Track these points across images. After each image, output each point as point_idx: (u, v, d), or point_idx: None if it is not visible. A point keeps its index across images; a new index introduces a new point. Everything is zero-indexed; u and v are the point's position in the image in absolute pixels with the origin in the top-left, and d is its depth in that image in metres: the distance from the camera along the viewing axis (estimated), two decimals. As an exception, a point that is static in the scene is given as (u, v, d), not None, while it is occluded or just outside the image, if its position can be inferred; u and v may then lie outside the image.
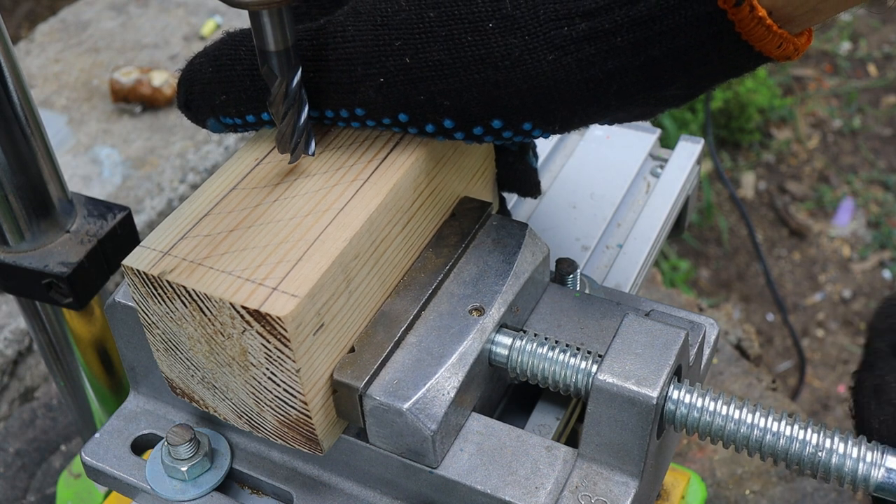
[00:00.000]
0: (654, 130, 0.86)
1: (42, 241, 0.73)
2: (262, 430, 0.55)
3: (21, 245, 0.73)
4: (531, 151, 0.66)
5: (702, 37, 0.48)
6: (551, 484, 0.54)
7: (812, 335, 2.25)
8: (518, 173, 0.67)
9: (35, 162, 0.71)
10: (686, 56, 0.49)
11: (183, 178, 1.52)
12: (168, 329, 0.54)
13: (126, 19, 1.87)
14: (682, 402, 0.54)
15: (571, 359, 0.56)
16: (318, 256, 0.51)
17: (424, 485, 0.56)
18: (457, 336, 0.55)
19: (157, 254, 0.52)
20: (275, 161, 0.58)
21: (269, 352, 0.50)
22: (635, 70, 0.50)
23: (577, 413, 0.65)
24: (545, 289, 0.62)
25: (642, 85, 0.51)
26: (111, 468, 0.62)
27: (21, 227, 0.72)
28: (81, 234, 0.74)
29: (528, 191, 0.68)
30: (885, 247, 2.39)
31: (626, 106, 0.52)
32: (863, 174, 2.56)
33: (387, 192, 0.54)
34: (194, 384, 0.56)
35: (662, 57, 0.49)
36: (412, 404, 0.52)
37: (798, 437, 0.52)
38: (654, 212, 0.79)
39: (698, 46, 0.48)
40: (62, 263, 0.72)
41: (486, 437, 0.56)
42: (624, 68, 0.49)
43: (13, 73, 0.68)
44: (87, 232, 0.74)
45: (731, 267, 2.39)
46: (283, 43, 0.52)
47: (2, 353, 1.30)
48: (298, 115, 0.54)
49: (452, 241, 0.60)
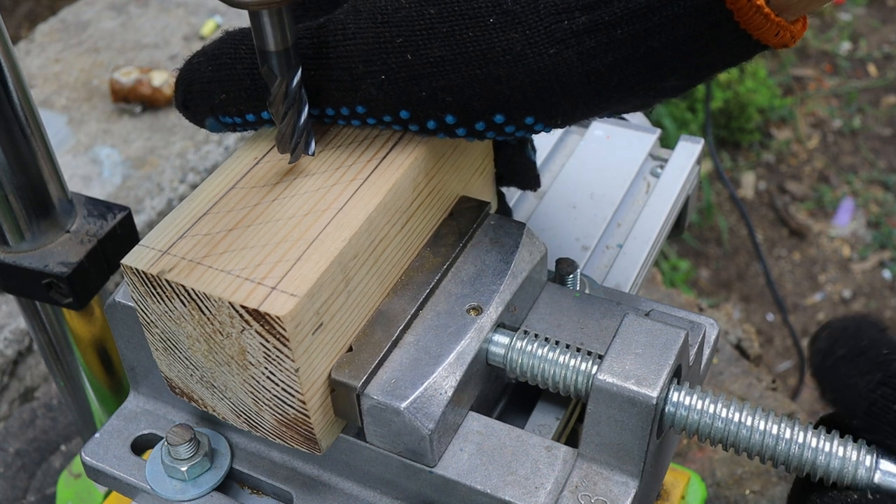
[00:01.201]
0: (654, 130, 0.86)
1: (42, 241, 0.73)
2: (261, 430, 0.55)
3: (21, 245, 0.73)
4: (529, 145, 0.67)
5: (701, 27, 0.48)
6: (551, 484, 0.54)
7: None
8: (517, 167, 0.67)
9: (35, 162, 0.71)
10: (685, 46, 0.49)
11: (183, 178, 1.52)
12: (167, 328, 0.54)
13: (126, 19, 1.87)
14: (681, 403, 0.54)
15: (569, 359, 0.55)
16: (317, 256, 0.51)
17: (424, 484, 0.56)
18: (454, 335, 0.55)
19: (156, 253, 0.52)
20: (274, 160, 0.58)
21: (268, 351, 0.50)
22: (636, 61, 0.50)
23: (578, 413, 0.65)
24: (543, 288, 0.62)
25: (643, 76, 0.51)
26: (111, 468, 0.62)
27: (21, 226, 0.72)
28: (81, 234, 0.74)
29: (528, 184, 0.68)
30: (885, 247, 2.39)
31: (626, 98, 0.53)
32: (863, 174, 2.56)
33: (386, 191, 0.54)
34: (193, 383, 0.56)
35: (662, 48, 0.49)
36: (410, 403, 0.52)
37: (797, 440, 0.52)
38: (654, 212, 0.79)
39: (697, 37, 0.49)
40: (62, 263, 0.72)
41: (486, 436, 0.56)
42: (624, 60, 0.50)
43: (13, 73, 0.68)
44: (87, 232, 0.74)
45: (731, 267, 2.39)
46: (283, 43, 0.52)
47: (2, 353, 1.30)
48: (298, 115, 0.54)
49: (450, 240, 0.60)
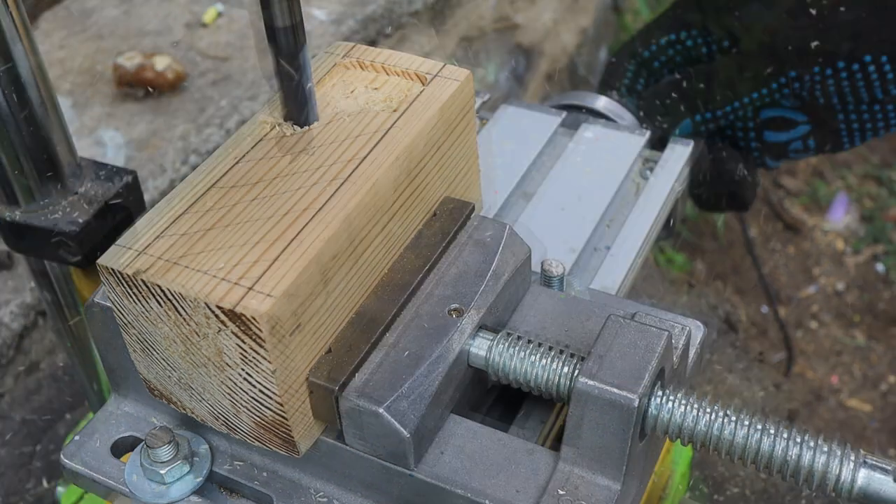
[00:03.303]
0: (644, 132, 0.85)
1: (51, 202, 0.76)
2: (240, 432, 0.54)
3: (31, 205, 0.75)
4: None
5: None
6: (533, 487, 0.53)
7: (806, 327, 2.26)
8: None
9: (46, 124, 0.74)
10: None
11: (185, 160, 1.54)
12: (144, 329, 0.53)
13: (129, 7, 1.88)
14: (664, 406, 0.53)
15: (551, 361, 0.55)
16: (294, 256, 0.50)
17: (404, 488, 0.55)
18: (435, 337, 0.55)
19: (133, 253, 0.52)
20: (254, 160, 0.57)
21: (245, 352, 0.49)
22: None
23: (563, 416, 0.64)
24: (527, 290, 0.62)
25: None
26: (90, 470, 0.61)
27: (31, 187, 0.75)
28: (90, 195, 0.77)
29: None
30: (879, 241, 2.39)
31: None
32: (857, 169, 2.56)
33: (365, 191, 0.54)
34: (171, 385, 0.55)
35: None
36: (389, 406, 0.52)
37: (781, 443, 0.52)
38: (642, 214, 0.78)
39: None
40: (71, 222, 0.74)
41: (468, 440, 0.55)
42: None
43: (26, 38, 0.70)
44: (95, 193, 0.77)
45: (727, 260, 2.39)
46: (291, 19, 0.53)
47: (7, 326, 1.31)
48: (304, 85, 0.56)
49: (432, 241, 0.59)
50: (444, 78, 0.61)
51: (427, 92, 0.60)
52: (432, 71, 0.62)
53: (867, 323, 2.28)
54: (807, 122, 0.88)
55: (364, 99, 0.61)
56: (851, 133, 0.87)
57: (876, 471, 0.51)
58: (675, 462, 0.83)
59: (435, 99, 0.60)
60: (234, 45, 1.75)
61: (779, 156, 0.92)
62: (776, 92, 0.83)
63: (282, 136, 0.58)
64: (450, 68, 0.62)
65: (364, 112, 0.59)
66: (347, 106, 0.60)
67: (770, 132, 0.90)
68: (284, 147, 0.57)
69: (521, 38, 2.36)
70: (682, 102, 0.86)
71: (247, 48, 1.74)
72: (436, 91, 0.60)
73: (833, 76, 0.81)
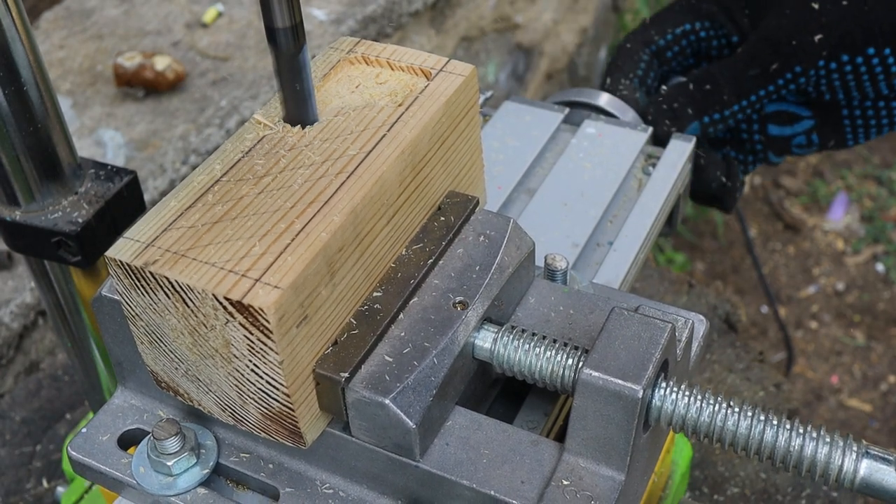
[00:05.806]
0: (646, 128, 0.86)
1: (51, 202, 0.76)
2: (246, 424, 0.55)
3: (31, 205, 0.76)
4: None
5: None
6: (537, 478, 0.54)
7: (806, 327, 2.26)
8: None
9: (46, 124, 0.74)
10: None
11: (185, 160, 1.54)
12: (151, 321, 0.53)
13: (129, 7, 1.88)
14: (668, 398, 0.53)
15: (555, 353, 0.55)
16: (301, 248, 0.51)
17: (410, 479, 0.56)
18: (440, 329, 0.55)
19: (140, 245, 0.52)
20: (260, 154, 0.57)
21: (252, 344, 0.50)
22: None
23: (567, 409, 0.65)
24: (531, 283, 0.62)
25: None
26: (97, 463, 0.62)
27: (32, 187, 0.75)
28: (90, 195, 0.77)
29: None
30: (878, 240, 2.39)
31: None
32: (857, 169, 2.56)
33: (371, 185, 0.54)
34: (178, 377, 0.56)
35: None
36: (395, 397, 0.52)
37: (784, 435, 0.52)
38: (645, 210, 0.79)
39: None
40: (71, 222, 0.74)
41: (472, 431, 0.56)
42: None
43: (26, 37, 0.70)
44: (95, 193, 0.77)
45: (727, 260, 2.39)
46: (291, 20, 0.53)
47: (7, 326, 1.32)
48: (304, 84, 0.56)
49: (437, 234, 0.59)
50: (449, 73, 0.62)
51: (432, 87, 0.61)
52: (437, 66, 0.62)
53: (867, 323, 2.28)
54: (811, 117, 0.89)
55: (369, 94, 0.61)
56: (855, 129, 0.88)
57: (878, 461, 0.51)
58: (675, 462, 0.83)
59: (440, 94, 0.60)
60: (234, 45, 1.75)
61: (782, 151, 0.92)
62: (783, 88, 0.84)
63: (287, 132, 0.59)
64: (454, 63, 0.62)
65: (369, 106, 0.60)
66: (353, 100, 0.61)
67: (774, 126, 0.90)
68: (290, 142, 0.58)
69: (521, 38, 2.37)
70: (690, 106, 0.87)
71: (247, 48, 1.74)
72: (441, 86, 0.61)
73: (838, 70, 0.82)
